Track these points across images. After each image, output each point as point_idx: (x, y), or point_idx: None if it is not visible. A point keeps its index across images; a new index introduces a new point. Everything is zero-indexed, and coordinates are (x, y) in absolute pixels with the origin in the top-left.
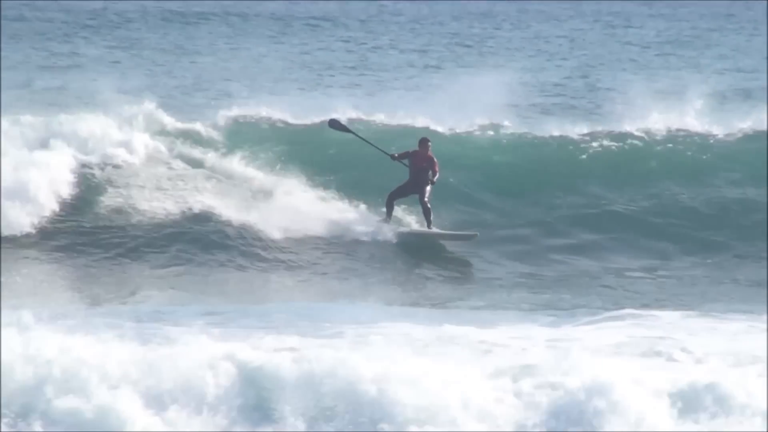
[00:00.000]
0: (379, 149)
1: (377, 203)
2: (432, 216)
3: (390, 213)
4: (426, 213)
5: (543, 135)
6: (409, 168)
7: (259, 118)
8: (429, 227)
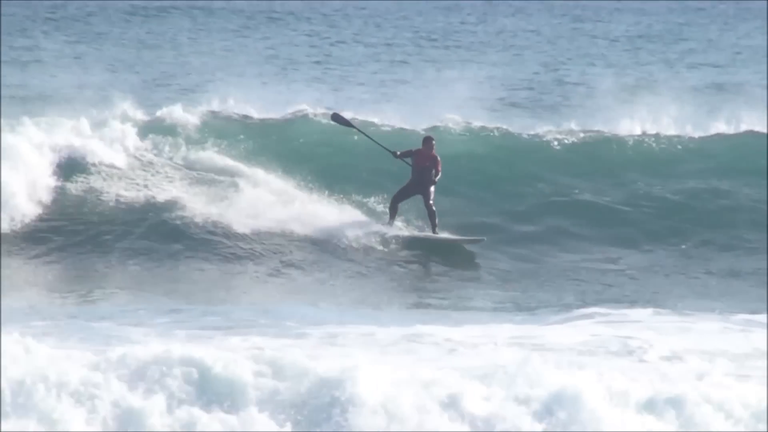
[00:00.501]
0: (382, 146)
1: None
2: (437, 219)
3: (393, 216)
4: (431, 216)
5: (510, 129)
6: (412, 167)
7: (224, 112)
8: (434, 231)
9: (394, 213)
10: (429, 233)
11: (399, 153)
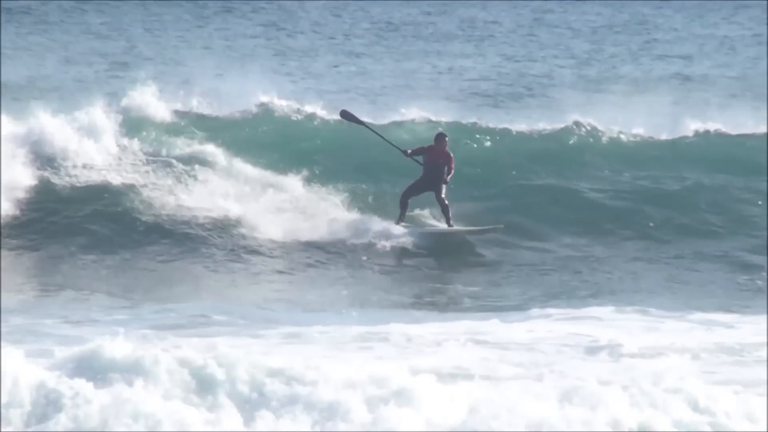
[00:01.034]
0: (392, 144)
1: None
2: (451, 213)
3: (404, 213)
4: (444, 210)
5: (472, 120)
6: (424, 164)
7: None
8: (449, 224)
9: (404, 209)
10: (444, 227)
11: (410, 151)
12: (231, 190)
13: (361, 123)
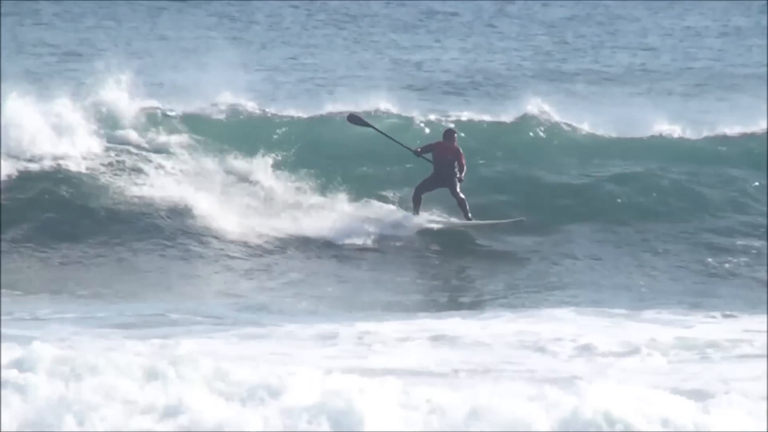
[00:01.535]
0: (401, 144)
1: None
2: (468, 206)
3: (417, 207)
4: (461, 204)
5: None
6: (433, 161)
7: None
8: (468, 217)
9: (417, 204)
10: (463, 221)
11: (419, 149)
12: (188, 181)
13: (370, 126)
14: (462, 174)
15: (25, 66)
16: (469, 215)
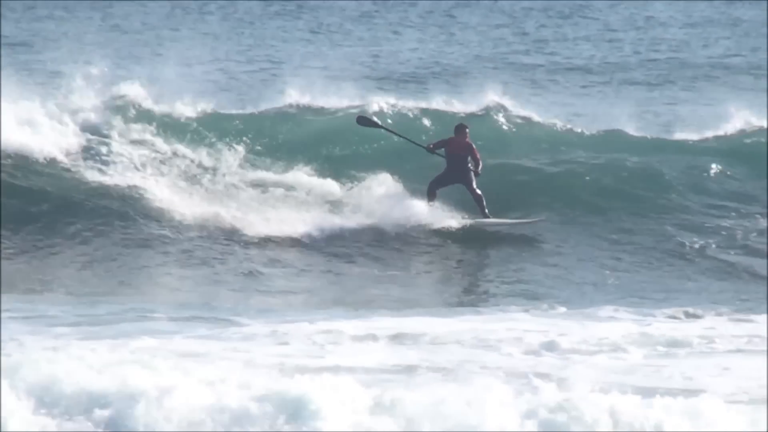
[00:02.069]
0: (413, 142)
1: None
2: (485, 202)
3: (432, 201)
4: (477, 201)
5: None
6: (446, 157)
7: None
8: (485, 214)
9: (432, 199)
10: (482, 218)
11: (431, 145)
12: (144, 169)
13: (380, 126)
14: (479, 168)
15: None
16: (486, 212)
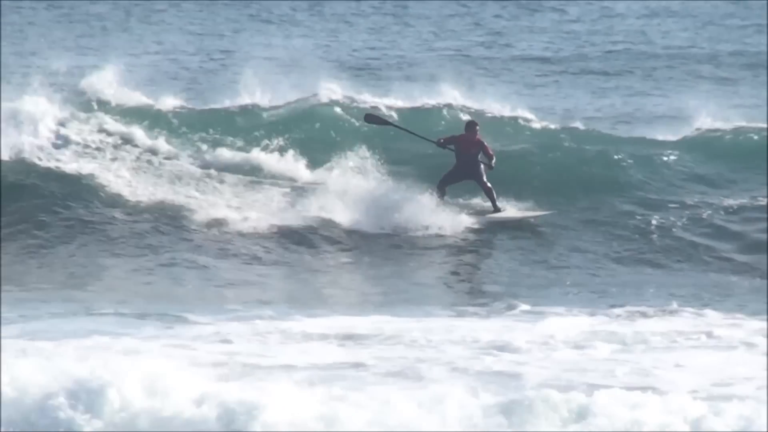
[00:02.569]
0: (424, 137)
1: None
2: (495, 195)
3: (442, 198)
4: (488, 194)
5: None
6: (456, 154)
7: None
8: (496, 208)
9: (442, 196)
10: (494, 213)
11: (442, 140)
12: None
13: (389, 123)
14: (492, 162)
15: None
16: (497, 205)
